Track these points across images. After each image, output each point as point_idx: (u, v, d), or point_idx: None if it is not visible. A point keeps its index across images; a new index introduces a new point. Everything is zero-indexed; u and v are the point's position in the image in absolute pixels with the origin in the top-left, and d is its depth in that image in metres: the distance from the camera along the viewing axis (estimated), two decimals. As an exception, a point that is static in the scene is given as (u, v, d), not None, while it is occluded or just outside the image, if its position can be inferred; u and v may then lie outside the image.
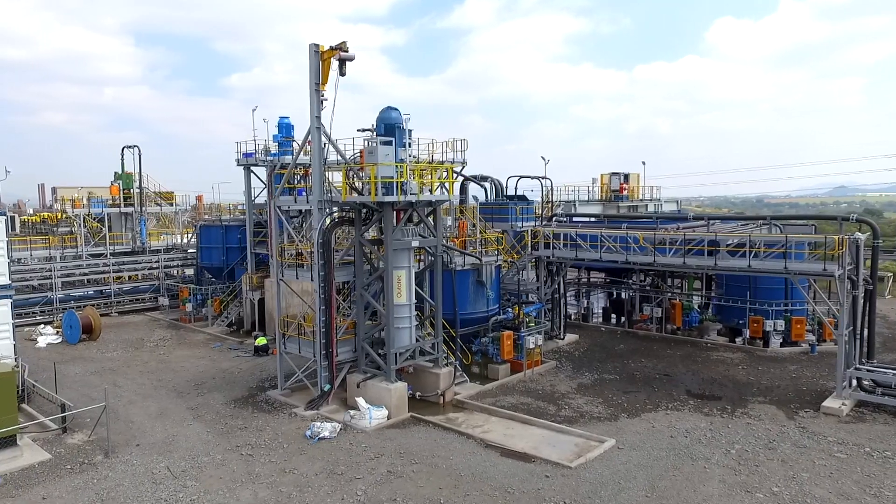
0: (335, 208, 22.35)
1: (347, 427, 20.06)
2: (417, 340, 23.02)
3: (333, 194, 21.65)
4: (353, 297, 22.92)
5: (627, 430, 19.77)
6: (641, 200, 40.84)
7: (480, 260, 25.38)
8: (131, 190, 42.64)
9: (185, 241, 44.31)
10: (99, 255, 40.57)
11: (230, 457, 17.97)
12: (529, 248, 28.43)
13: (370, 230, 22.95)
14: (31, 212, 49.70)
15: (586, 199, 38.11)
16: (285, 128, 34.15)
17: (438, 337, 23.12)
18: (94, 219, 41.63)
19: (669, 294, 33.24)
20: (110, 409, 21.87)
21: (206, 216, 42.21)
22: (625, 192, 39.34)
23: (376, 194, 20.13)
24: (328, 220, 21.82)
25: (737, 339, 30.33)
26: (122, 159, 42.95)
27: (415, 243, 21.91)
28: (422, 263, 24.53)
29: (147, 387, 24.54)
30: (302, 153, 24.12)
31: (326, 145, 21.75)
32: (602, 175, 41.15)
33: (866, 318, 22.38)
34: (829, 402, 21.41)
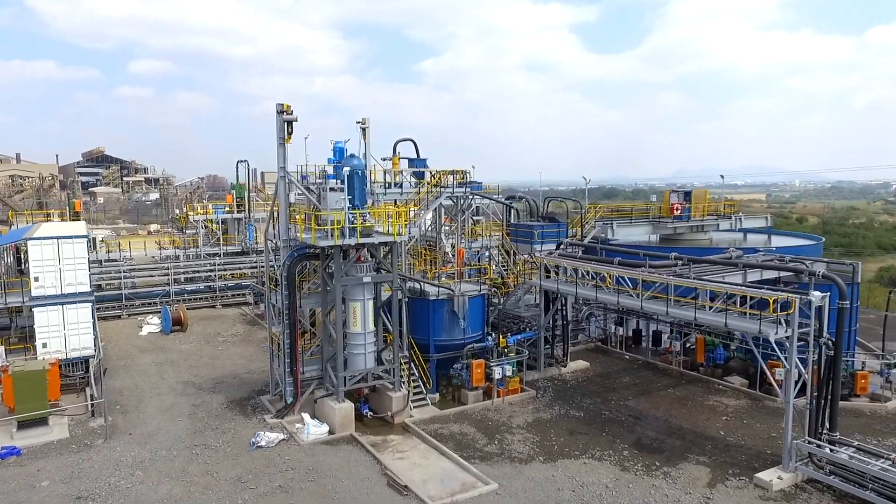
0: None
1: (291, 438, 23.23)
2: (382, 363, 25.44)
3: (294, 233, 24.68)
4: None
5: (525, 475, 20.44)
6: (703, 219, 38.07)
7: (452, 291, 26.84)
8: (243, 198, 49.65)
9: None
10: (214, 255, 48.08)
11: (182, 454, 22.07)
12: (523, 277, 29.08)
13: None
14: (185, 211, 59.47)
15: (628, 221, 36.64)
16: (339, 152, 37.89)
17: (395, 363, 25.25)
18: (213, 223, 49.29)
19: (687, 330, 31.43)
20: (139, 398, 27.47)
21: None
22: (678, 213, 37.07)
23: (316, 238, 22.83)
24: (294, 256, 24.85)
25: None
26: (237, 172, 50.08)
27: (367, 279, 24.25)
28: (399, 292, 26.75)
29: (181, 381, 29.83)
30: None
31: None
32: (666, 192, 39.11)
33: (829, 385, 20.21)
34: (765, 474, 19.99)
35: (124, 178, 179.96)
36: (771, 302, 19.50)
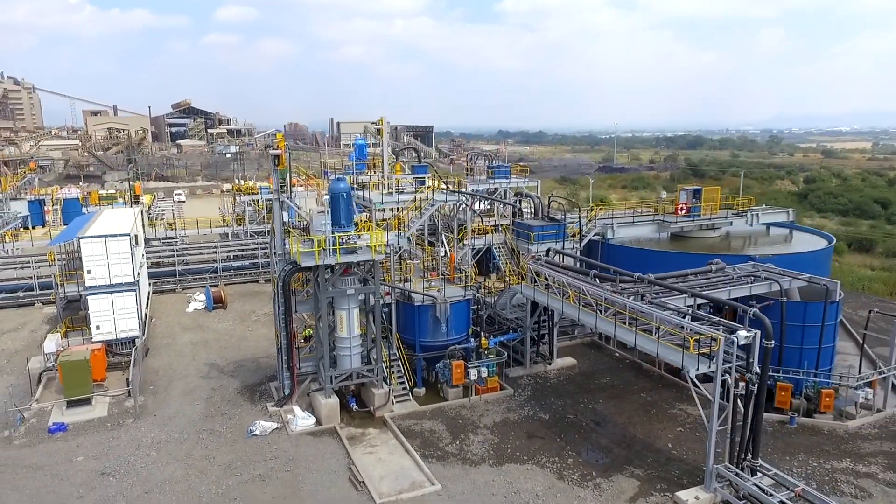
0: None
1: (283, 427, 26.91)
2: (370, 362, 28.59)
3: (288, 247, 27.73)
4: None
5: (470, 478, 23.16)
6: (711, 217, 38.04)
7: (435, 297, 29.35)
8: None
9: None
10: (258, 232, 52.42)
11: (190, 438, 26.21)
12: (508, 282, 31.11)
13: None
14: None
15: (630, 220, 37.27)
16: (359, 148, 40.71)
17: (379, 363, 28.29)
18: (258, 202, 53.47)
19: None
20: (170, 378, 31.96)
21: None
22: (683, 212, 37.27)
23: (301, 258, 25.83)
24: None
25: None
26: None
27: (350, 291, 27.14)
28: (388, 297, 29.69)
29: (208, 363, 34.16)
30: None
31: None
32: (679, 186, 39.29)
33: (753, 417, 21.56)
34: (684, 493, 21.83)
35: (208, 131, 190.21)
36: (691, 342, 20.88)
